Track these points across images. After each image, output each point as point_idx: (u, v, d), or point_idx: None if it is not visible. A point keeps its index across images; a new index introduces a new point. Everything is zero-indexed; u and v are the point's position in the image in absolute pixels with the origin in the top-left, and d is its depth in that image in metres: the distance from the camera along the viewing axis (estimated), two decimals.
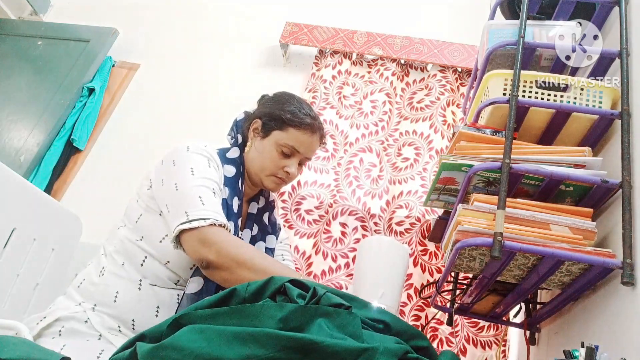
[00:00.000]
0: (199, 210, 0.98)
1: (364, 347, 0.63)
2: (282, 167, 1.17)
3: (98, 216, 1.70)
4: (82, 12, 2.83)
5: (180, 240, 0.98)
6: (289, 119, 1.15)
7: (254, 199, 1.25)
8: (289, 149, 1.16)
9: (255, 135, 1.20)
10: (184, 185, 1.02)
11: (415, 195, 1.90)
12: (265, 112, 1.19)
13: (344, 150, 2.08)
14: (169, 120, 2.40)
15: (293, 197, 1.95)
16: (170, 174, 1.06)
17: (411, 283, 1.74)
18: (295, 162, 1.18)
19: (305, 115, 1.17)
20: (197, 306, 0.75)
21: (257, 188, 1.25)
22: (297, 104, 1.19)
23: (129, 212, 1.12)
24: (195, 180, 1.03)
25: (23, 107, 2.41)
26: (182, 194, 1.01)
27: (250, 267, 0.94)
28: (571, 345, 0.90)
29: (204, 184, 1.03)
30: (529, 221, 0.96)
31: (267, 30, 2.60)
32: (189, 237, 0.96)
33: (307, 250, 1.86)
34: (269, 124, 1.17)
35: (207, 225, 0.96)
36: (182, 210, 0.99)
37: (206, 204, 0.99)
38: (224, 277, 0.97)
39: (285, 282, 0.75)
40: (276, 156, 1.16)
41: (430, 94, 2.19)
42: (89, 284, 1.05)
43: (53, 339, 0.96)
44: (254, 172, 1.19)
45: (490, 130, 1.14)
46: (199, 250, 0.95)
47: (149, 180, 1.12)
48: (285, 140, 1.16)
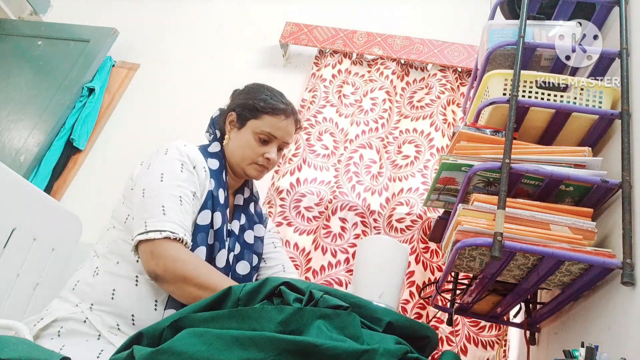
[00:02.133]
0: (158, 222, 0.98)
1: (363, 349, 0.63)
2: (261, 154, 1.19)
3: (98, 216, 1.69)
4: (82, 12, 2.83)
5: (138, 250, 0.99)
6: (262, 106, 1.18)
7: (239, 191, 1.26)
8: (266, 136, 1.18)
9: (232, 127, 1.22)
10: (149, 192, 1.03)
11: (417, 192, 1.90)
12: (238, 103, 1.22)
13: (344, 147, 2.08)
14: (169, 120, 2.40)
15: (292, 195, 1.95)
16: (142, 179, 1.07)
17: (413, 281, 1.74)
18: (274, 147, 1.20)
19: (278, 102, 1.20)
20: (194, 308, 0.75)
21: (240, 180, 1.26)
22: (268, 92, 1.23)
23: (117, 214, 1.13)
24: (163, 187, 1.03)
25: (23, 107, 2.41)
26: (146, 201, 1.02)
27: (196, 284, 0.96)
28: (571, 345, 0.90)
29: (170, 192, 1.03)
30: (529, 221, 0.96)
31: (267, 30, 2.60)
32: (143, 248, 0.98)
33: (306, 247, 1.86)
34: (244, 115, 1.20)
35: (162, 238, 0.97)
36: (142, 219, 1.00)
37: (167, 214, 1.00)
38: (170, 290, 0.99)
39: (280, 286, 0.75)
40: (255, 144, 1.18)
41: (431, 93, 2.19)
42: (84, 285, 1.05)
43: (52, 340, 0.96)
44: (235, 163, 1.20)
45: (490, 130, 1.14)
46: (148, 262, 0.97)
47: (132, 182, 1.12)
48: (261, 127, 1.18)
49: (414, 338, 0.77)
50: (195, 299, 0.93)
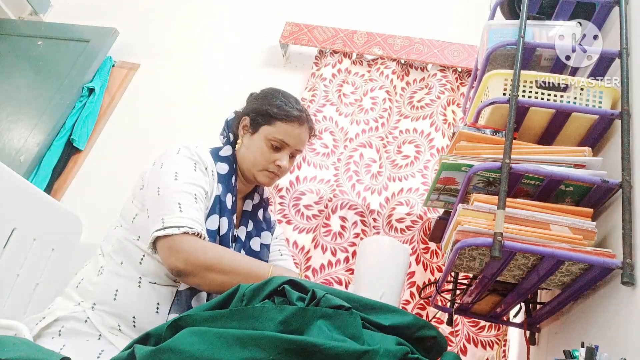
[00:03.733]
0: (175, 218, 0.98)
1: (364, 349, 0.63)
2: (273, 161, 1.18)
3: (98, 216, 1.70)
4: (82, 12, 2.83)
5: (156, 247, 0.99)
6: (276, 113, 1.17)
7: (249, 196, 1.25)
8: (278, 143, 1.17)
9: (244, 132, 1.21)
10: (165, 190, 1.03)
11: (417, 192, 1.90)
12: (252, 108, 1.21)
13: (344, 146, 2.08)
14: (169, 120, 2.40)
15: (291, 193, 1.95)
16: (156, 177, 1.07)
17: (413, 281, 1.74)
18: (286, 155, 1.19)
19: (292, 108, 1.18)
20: (203, 308, 0.75)
21: (251, 185, 1.25)
22: (283, 98, 1.21)
23: (125, 212, 1.13)
24: (178, 185, 1.03)
25: (23, 107, 2.41)
26: (162, 199, 1.02)
27: (219, 270, 0.96)
28: (571, 345, 0.90)
29: (185, 190, 1.03)
30: (529, 221, 0.96)
31: (267, 30, 2.60)
32: (162, 244, 0.97)
33: (305, 245, 1.86)
34: (257, 120, 1.18)
35: (180, 233, 0.97)
36: (159, 216, 0.99)
37: (184, 211, 1.00)
38: (195, 282, 0.99)
39: (284, 284, 0.75)
40: (266, 151, 1.17)
41: (431, 93, 2.19)
42: (88, 284, 1.05)
43: (53, 339, 0.96)
44: (246, 169, 1.19)
45: (490, 130, 1.14)
46: (168, 258, 0.96)
47: (142, 180, 1.12)
48: (273, 134, 1.17)
49: (419, 339, 0.77)
50: (221, 285, 0.94)
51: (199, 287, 1.00)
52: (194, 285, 1.00)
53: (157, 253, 0.99)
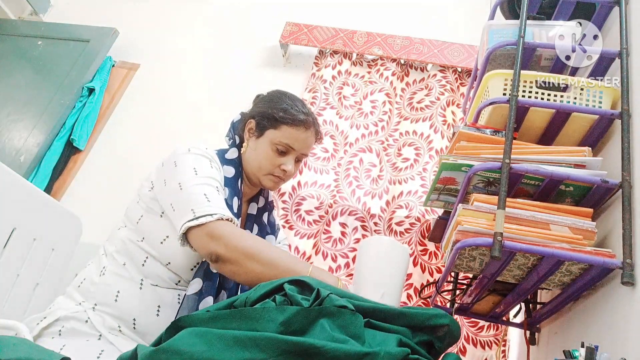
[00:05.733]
0: (205, 207, 0.98)
1: (364, 352, 0.63)
2: (278, 165, 1.17)
3: (98, 216, 1.70)
4: (82, 12, 2.83)
5: (188, 237, 0.98)
6: (282, 116, 1.16)
7: (254, 200, 1.25)
8: (283, 147, 1.16)
9: (250, 135, 1.20)
10: (187, 184, 1.03)
11: (415, 195, 1.89)
12: (258, 111, 1.20)
13: (344, 150, 2.08)
14: (169, 120, 2.40)
15: (293, 198, 1.94)
16: (173, 175, 1.06)
17: (411, 283, 1.74)
18: (292, 159, 1.18)
19: (298, 112, 1.17)
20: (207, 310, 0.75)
21: (256, 188, 1.25)
22: (289, 101, 1.19)
23: (130, 213, 1.12)
24: (199, 179, 1.04)
25: (23, 107, 2.41)
26: (186, 192, 1.02)
27: (259, 260, 0.94)
28: (571, 345, 0.90)
29: (207, 183, 1.04)
30: (529, 221, 0.96)
31: (267, 30, 2.59)
32: (197, 232, 0.96)
33: (307, 251, 1.85)
34: (263, 123, 1.18)
35: (215, 220, 0.96)
36: (188, 208, 0.99)
37: (212, 201, 1.00)
38: (232, 270, 0.96)
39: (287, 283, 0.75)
40: (272, 155, 1.16)
41: (430, 94, 2.19)
42: (90, 284, 1.05)
43: (53, 339, 0.96)
44: (251, 172, 1.19)
45: (490, 130, 1.14)
46: (207, 244, 0.95)
47: (150, 182, 1.12)
48: (279, 138, 1.16)
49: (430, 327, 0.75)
50: (257, 276, 0.92)
51: (234, 275, 0.97)
52: (229, 274, 0.98)
53: (188, 244, 0.99)
